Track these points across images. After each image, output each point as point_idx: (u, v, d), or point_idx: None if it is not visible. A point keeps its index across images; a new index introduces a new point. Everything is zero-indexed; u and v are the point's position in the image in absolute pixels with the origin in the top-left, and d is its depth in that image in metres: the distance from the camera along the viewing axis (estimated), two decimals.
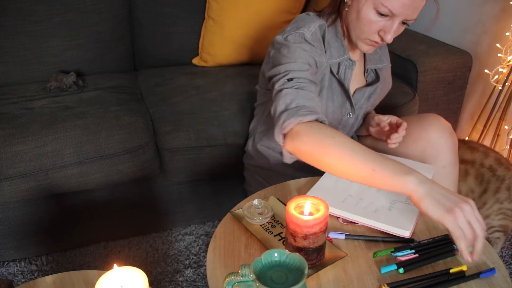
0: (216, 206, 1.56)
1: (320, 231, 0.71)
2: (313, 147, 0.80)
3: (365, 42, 1.00)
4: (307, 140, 0.81)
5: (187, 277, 1.36)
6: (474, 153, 1.31)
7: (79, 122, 1.30)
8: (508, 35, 1.58)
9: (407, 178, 0.72)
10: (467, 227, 0.68)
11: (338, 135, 0.80)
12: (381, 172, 0.74)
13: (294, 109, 0.86)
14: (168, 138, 1.33)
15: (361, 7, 0.94)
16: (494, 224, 1.31)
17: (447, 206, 0.69)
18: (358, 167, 0.76)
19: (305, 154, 0.82)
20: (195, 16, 1.73)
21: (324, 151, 0.79)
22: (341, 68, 1.07)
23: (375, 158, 0.76)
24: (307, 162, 0.83)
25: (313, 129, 0.82)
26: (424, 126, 1.09)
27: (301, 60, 0.95)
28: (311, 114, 0.84)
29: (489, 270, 0.73)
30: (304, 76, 0.92)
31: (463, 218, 0.68)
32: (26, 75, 1.61)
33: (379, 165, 0.74)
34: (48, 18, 1.57)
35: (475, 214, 0.69)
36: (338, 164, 0.78)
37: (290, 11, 1.67)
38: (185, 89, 1.53)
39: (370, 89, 1.15)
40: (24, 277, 1.37)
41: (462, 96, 1.71)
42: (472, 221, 0.68)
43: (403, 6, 0.90)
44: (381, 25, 0.95)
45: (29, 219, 1.36)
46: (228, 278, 0.64)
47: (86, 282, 0.79)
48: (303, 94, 0.88)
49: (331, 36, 1.05)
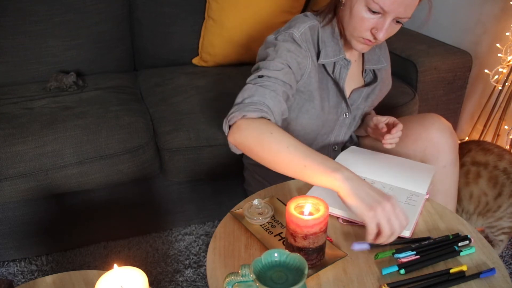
0: (216, 206, 1.56)
1: (320, 231, 0.71)
2: (251, 142, 0.84)
3: (358, 40, 1.00)
4: (246, 135, 0.85)
5: (187, 277, 1.36)
6: (488, 155, 1.29)
7: (79, 122, 1.30)
8: (508, 35, 1.58)
9: (334, 175, 0.75)
10: (386, 224, 0.72)
11: (276, 131, 0.83)
12: (311, 168, 0.77)
13: (245, 104, 0.89)
14: (168, 138, 1.33)
15: (353, 4, 0.94)
16: (504, 226, 1.30)
17: (368, 203, 0.73)
18: (292, 163, 0.79)
19: (245, 148, 0.86)
20: (195, 16, 1.73)
21: (261, 147, 0.82)
22: (336, 68, 1.07)
23: (308, 154, 0.79)
24: (248, 155, 0.87)
25: (254, 124, 0.85)
26: (424, 126, 1.09)
27: (280, 60, 0.97)
28: (257, 111, 0.88)
29: (489, 270, 0.73)
30: (275, 75, 0.94)
31: (382, 215, 0.72)
32: (26, 75, 1.61)
33: (310, 162, 0.78)
34: (48, 18, 1.57)
35: (395, 211, 0.73)
36: (273, 159, 0.82)
37: (290, 11, 1.67)
38: (185, 89, 1.53)
39: (367, 89, 1.15)
40: (24, 277, 1.37)
41: (462, 96, 1.71)
42: (392, 218, 0.73)
43: (394, 2, 0.89)
44: (373, 22, 0.94)
45: (29, 219, 1.36)
46: (228, 278, 0.64)
47: (86, 282, 0.79)
48: (261, 92, 0.91)
49: (327, 35, 1.05)
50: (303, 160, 0.78)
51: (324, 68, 1.07)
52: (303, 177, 0.79)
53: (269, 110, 0.90)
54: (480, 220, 1.33)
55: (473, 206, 1.31)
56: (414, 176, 0.98)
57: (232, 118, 0.89)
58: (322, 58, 1.04)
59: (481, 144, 1.33)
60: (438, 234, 0.84)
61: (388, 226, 0.73)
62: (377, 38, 0.95)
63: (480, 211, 1.31)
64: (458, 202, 1.32)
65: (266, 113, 0.89)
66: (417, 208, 0.88)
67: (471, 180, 1.30)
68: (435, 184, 1.09)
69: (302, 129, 1.12)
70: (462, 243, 0.80)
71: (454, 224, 0.87)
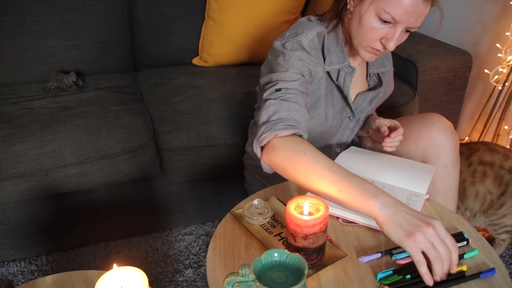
0: (216, 206, 1.56)
1: (320, 231, 0.71)
2: (285, 163, 0.81)
3: (366, 50, 0.98)
4: (280, 155, 0.82)
5: (187, 277, 1.36)
6: (494, 155, 1.30)
7: (79, 122, 1.30)
8: (508, 35, 1.58)
9: (371, 202, 0.71)
10: (431, 250, 0.66)
11: (310, 151, 0.80)
12: (347, 194, 0.74)
13: (273, 122, 0.86)
14: (168, 138, 1.33)
15: (363, 14, 0.93)
16: (507, 223, 1.31)
17: (407, 230, 0.67)
18: (326, 187, 0.76)
19: (279, 168, 0.83)
20: (195, 16, 1.73)
21: (295, 167, 0.80)
22: (340, 75, 1.06)
23: (343, 178, 0.75)
24: (282, 175, 0.84)
25: (287, 143, 0.83)
26: (425, 125, 1.09)
27: (294, 70, 0.94)
28: (288, 128, 0.85)
29: (489, 270, 0.73)
30: (293, 86, 0.92)
31: (425, 241, 0.66)
32: (26, 75, 1.61)
33: (346, 186, 0.74)
34: (48, 18, 1.57)
35: (440, 235, 0.67)
36: (307, 182, 0.78)
37: (290, 11, 1.67)
38: (185, 89, 1.53)
39: (372, 93, 1.15)
40: (24, 277, 1.37)
41: (462, 96, 1.71)
42: (435, 242, 0.66)
43: (406, 13, 0.88)
44: (384, 32, 0.93)
45: (29, 219, 1.36)
46: (228, 278, 0.64)
47: (86, 282, 0.79)
48: (286, 106, 0.89)
49: (332, 42, 1.03)
50: (338, 184, 0.74)
51: (328, 74, 1.06)
52: (338, 202, 0.75)
53: (298, 124, 0.87)
54: (484, 218, 1.34)
55: (478, 205, 1.33)
56: (414, 176, 0.98)
57: (264, 138, 0.86)
58: (326, 65, 1.03)
59: (488, 145, 1.35)
60: None
61: (433, 252, 0.66)
62: (387, 48, 0.94)
63: (485, 209, 1.32)
64: (463, 200, 1.34)
65: (296, 128, 0.86)
66: (417, 208, 0.88)
67: (477, 179, 1.31)
68: (435, 184, 1.09)
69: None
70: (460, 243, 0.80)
71: (454, 224, 0.87)
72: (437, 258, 0.66)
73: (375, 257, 0.77)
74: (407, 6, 0.88)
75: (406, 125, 1.12)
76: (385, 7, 0.89)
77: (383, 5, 0.89)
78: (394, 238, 0.68)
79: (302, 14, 1.77)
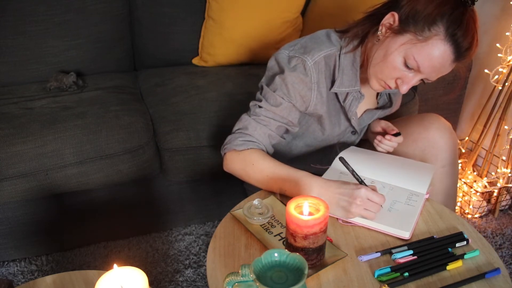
0: (216, 206, 1.56)
1: (320, 231, 0.71)
2: (239, 173, 1.01)
3: (379, 83, 0.97)
4: (233, 167, 1.01)
5: (187, 277, 1.36)
6: None
7: (79, 122, 1.30)
8: (508, 35, 1.58)
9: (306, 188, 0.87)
10: (365, 212, 0.83)
11: (257, 160, 0.96)
12: (289, 191, 0.92)
13: (236, 135, 1.01)
14: (168, 138, 1.33)
15: (392, 51, 0.90)
16: None
17: (345, 207, 0.84)
18: (271, 188, 0.95)
19: (236, 175, 1.02)
20: (195, 16, 1.73)
21: (247, 177, 0.99)
22: (348, 98, 1.04)
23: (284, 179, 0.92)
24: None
25: (240, 157, 0.99)
26: (424, 126, 1.09)
27: (281, 93, 0.98)
28: (245, 144, 0.98)
29: (494, 270, 0.73)
30: (272, 110, 1.00)
31: (359, 209, 0.82)
32: (26, 75, 1.61)
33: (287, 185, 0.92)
34: (48, 18, 1.57)
35: (368, 196, 0.82)
36: (257, 184, 0.98)
37: (290, 11, 1.67)
38: (185, 89, 1.53)
39: (380, 113, 1.14)
40: (24, 277, 1.37)
41: (462, 96, 1.71)
42: (367, 206, 0.82)
43: (432, 67, 0.88)
44: (403, 74, 0.92)
45: (29, 219, 1.36)
46: (228, 278, 0.64)
47: (86, 282, 0.79)
48: (254, 126, 1.00)
49: (347, 63, 0.99)
50: (280, 184, 0.93)
51: (335, 95, 1.04)
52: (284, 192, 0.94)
53: (259, 141, 1.00)
54: None
55: None
56: (414, 175, 0.98)
57: (224, 150, 1.02)
58: (336, 87, 1.00)
59: None
60: (438, 234, 0.84)
61: (368, 213, 0.83)
62: (399, 89, 0.94)
63: None
64: None
65: (256, 143, 0.99)
66: (417, 208, 0.88)
67: None
68: (434, 184, 1.09)
69: (305, 146, 1.13)
70: (459, 243, 0.80)
71: (454, 224, 0.87)
72: (372, 215, 0.84)
73: (375, 256, 0.78)
74: (436, 62, 0.87)
75: (405, 125, 1.12)
76: (415, 55, 0.88)
77: (414, 51, 0.88)
78: (339, 216, 0.86)
79: (302, 14, 1.77)
